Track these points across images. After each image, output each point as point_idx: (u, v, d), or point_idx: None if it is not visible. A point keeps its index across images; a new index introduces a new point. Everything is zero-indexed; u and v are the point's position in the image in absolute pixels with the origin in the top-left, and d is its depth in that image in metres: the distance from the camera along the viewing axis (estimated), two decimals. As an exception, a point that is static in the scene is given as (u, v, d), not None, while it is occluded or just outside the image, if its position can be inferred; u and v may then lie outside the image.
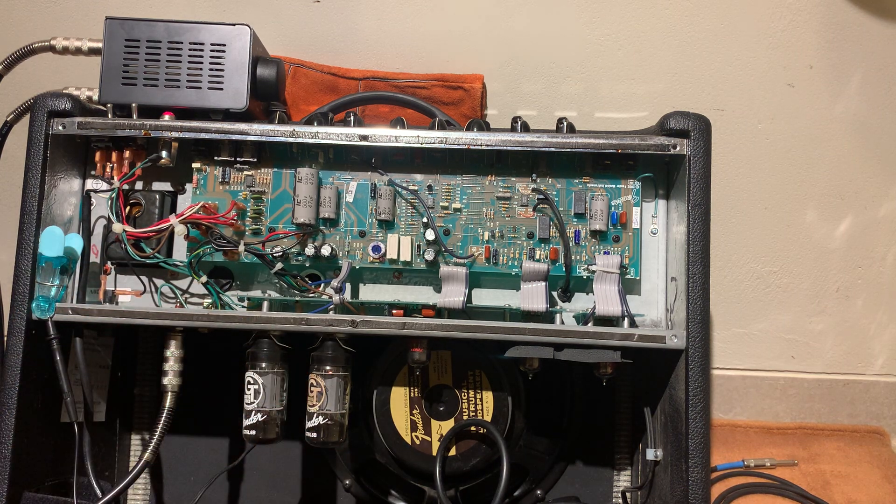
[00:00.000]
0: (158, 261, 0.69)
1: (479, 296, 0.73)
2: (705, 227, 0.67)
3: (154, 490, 0.83)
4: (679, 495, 0.67)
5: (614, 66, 0.91)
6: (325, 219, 0.70)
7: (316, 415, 0.69)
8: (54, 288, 0.68)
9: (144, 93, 0.71)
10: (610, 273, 0.69)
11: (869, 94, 0.91)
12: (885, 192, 0.94)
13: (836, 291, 0.97)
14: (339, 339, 0.70)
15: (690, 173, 0.67)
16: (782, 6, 0.88)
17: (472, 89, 0.88)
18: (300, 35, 0.91)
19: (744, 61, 0.90)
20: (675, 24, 0.89)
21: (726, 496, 0.86)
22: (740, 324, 0.99)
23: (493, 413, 0.76)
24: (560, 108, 0.93)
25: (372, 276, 0.73)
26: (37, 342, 0.68)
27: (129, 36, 0.71)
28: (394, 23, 0.90)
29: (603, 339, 0.66)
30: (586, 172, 0.71)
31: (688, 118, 0.68)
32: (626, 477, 0.81)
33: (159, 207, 0.72)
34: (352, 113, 0.72)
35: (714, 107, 0.91)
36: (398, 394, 0.76)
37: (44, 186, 0.69)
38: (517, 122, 0.72)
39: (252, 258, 0.70)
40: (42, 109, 0.69)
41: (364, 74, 0.89)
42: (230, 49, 0.71)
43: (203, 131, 0.69)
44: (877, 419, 0.99)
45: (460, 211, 0.71)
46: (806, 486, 0.88)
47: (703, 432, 0.65)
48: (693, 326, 0.66)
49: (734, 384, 0.99)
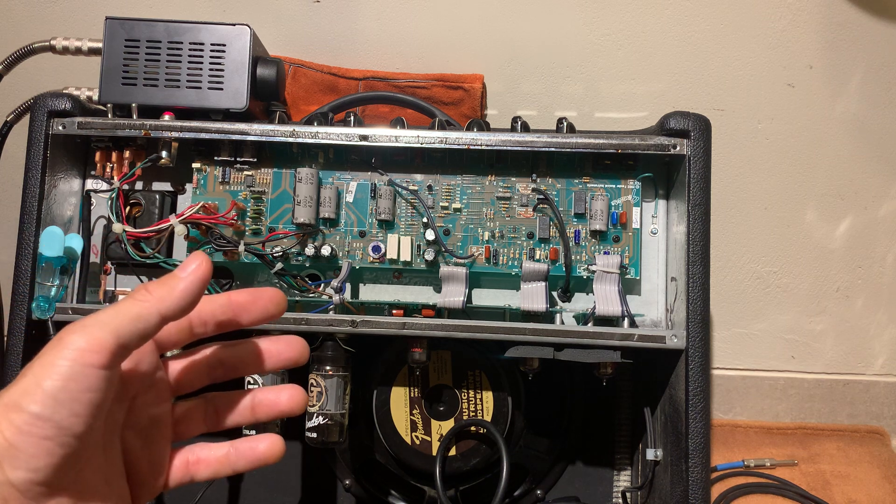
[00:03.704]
0: (158, 261, 0.69)
1: (479, 296, 0.73)
2: (705, 227, 0.67)
3: (154, 490, 0.83)
4: (679, 495, 0.67)
5: (614, 66, 0.91)
6: (325, 219, 0.70)
7: (316, 415, 0.69)
8: (54, 288, 0.68)
9: (144, 93, 0.71)
10: (610, 273, 0.69)
11: (869, 94, 0.91)
12: (885, 192, 0.94)
13: (836, 291, 0.97)
14: (339, 339, 0.70)
15: (690, 173, 0.67)
16: (782, 6, 0.88)
17: (472, 89, 0.88)
18: (300, 35, 0.91)
19: (744, 61, 0.90)
20: (675, 24, 0.89)
21: (726, 496, 0.86)
22: (740, 324, 0.99)
23: (493, 413, 0.76)
24: (560, 108, 0.93)
25: (372, 276, 0.73)
26: (37, 342, 0.68)
27: (129, 36, 0.71)
28: (394, 23, 0.90)
29: (603, 339, 0.66)
30: (586, 172, 0.71)
31: (688, 118, 0.68)
32: (626, 477, 0.81)
33: (159, 207, 0.72)
34: (352, 113, 0.72)
35: (714, 107, 0.91)
36: (398, 394, 0.76)
37: (44, 186, 0.69)
38: (517, 122, 0.72)
39: (252, 258, 0.70)
40: (42, 109, 0.69)
41: (364, 74, 0.89)
42: (230, 49, 0.71)
43: (203, 131, 0.69)
44: (877, 419, 0.99)
45: (460, 211, 0.71)
46: (806, 486, 0.88)
47: (703, 432, 0.65)
48: (693, 326, 0.66)
49: (734, 384, 0.99)
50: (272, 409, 0.43)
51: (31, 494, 0.34)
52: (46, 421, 0.33)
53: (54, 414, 0.33)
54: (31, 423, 0.33)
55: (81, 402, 0.34)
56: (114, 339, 0.34)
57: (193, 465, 0.42)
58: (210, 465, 0.42)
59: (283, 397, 0.43)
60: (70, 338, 0.34)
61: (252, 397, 0.43)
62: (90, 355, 0.34)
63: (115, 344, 0.34)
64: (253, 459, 0.42)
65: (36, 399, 0.33)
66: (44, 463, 0.33)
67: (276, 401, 0.43)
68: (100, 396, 0.34)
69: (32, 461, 0.33)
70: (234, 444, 0.42)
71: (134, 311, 0.35)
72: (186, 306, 0.37)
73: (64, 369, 0.33)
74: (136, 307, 0.35)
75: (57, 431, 0.33)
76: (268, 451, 0.42)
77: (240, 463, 0.42)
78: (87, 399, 0.34)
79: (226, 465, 0.42)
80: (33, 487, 0.34)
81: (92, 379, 0.34)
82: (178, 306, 0.36)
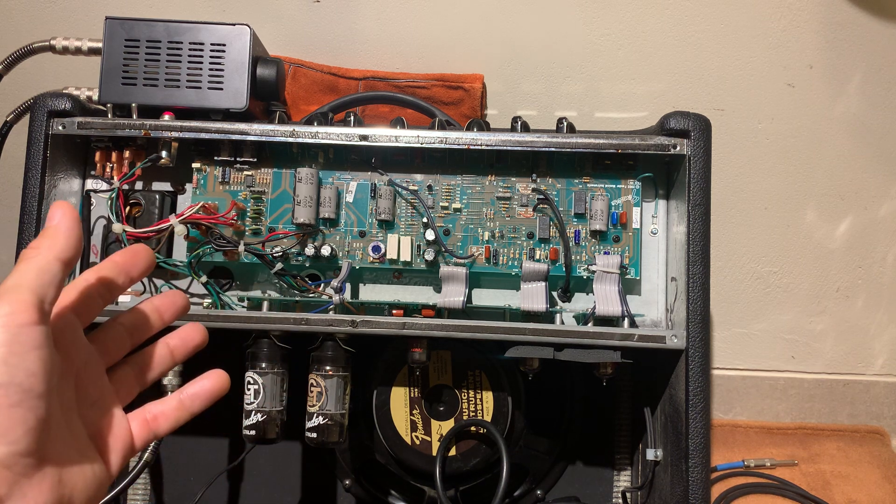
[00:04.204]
0: (158, 261, 0.69)
1: (479, 296, 0.73)
2: (705, 227, 0.67)
3: (154, 490, 0.83)
4: (679, 495, 0.67)
5: (614, 66, 0.91)
6: (325, 219, 0.70)
7: (316, 415, 0.69)
8: (54, 288, 0.68)
9: (144, 93, 0.71)
10: (610, 273, 0.69)
11: (869, 94, 0.91)
12: (885, 192, 0.94)
13: (836, 291, 0.97)
14: (339, 339, 0.70)
15: (690, 173, 0.67)
16: (782, 6, 0.88)
17: (472, 89, 0.88)
18: (300, 35, 0.91)
19: (744, 61, 0.90)
20: (675, 25, 0.89)
21: (726, 496, 0.86)
22: (740, 324, 0.99)
23: (493, 413, 0.76)
24: (560, 108, 0.93)
25: (372, 276, 0.73)
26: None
27: (129, 36, 0.71)
28: (394, 23, 0.90)
29: (603, 339, 0.66)
30: (586, 172, 0.71)
31: (688, 118, 0.68)
32: (626, 477, 0.81)
33: (159, 207, 0.72)
34: (352, 113, 0.72)
35: (714, 107, 0.91)
36: (398, 394, 0.76)
37: (44, 186, 0.69)
38: (517, 122, 0.72)
39: (252, 258, 0.70)
40: (42, 109, 0.69)
41: (364, 74, 0.89)
42: (230, 49, 0.71)
43: (203, 131, 0.69)
44: (877, 419, 0.99)
45: (460, 211, 0.71)
46: (806, 486, 0.88)
47: (703, 432, 0.65)
48: (693, 326, 0.66)
49: (734, 384, 0.99)
50: (186, 345, 0.47)
51: (18, 468, 0.35)
52: (8, 386, 0.34)
53: (13, 378, 0.34)
54: None
55: (31, 358, 0.35)
56: (31, 295, 0.36)
57: (152, 421, 0.45)
58: (168, 416, 0.45)
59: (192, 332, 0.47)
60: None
61: (165, 344, 0.47)
62: (19, 316, 0.35)
63: (36, 298, 0.36)
64: (205, 396, 0.46)
65: None
66: (20, 432, 0.35)
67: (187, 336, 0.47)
68: (46, 352, 0.36)
69: (9, 434, 0.34)
70: (183, 390, 0.46)
71: (33, 265, 0.37)
72: (75, 243, 0.39)
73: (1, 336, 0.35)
74: (33, 262, 0.38)
75: (22, 395, 0.35)
76: (216, 384, 0.46)
77: (195, 404, 0.46)
78: (35, 356, 0.35)
79: (182, 410, 0.46)
80: (18, 460, 0.35)
81: (31, 335, 0.35)
82: (68, 244, 0.39)
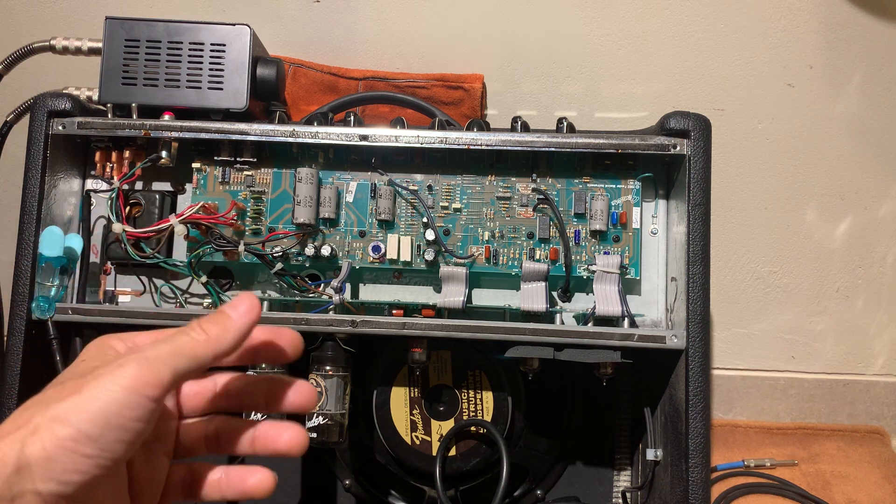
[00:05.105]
0: (158, 261, 0.69)
1: (479, 296, 0.73)
2: (705, 227, 0.67)
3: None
4: (679, 495, 0.67)
5: (614, 66, 0.91)
6: (325, 219, 0.70)
7: (316, 415, 0.69)
8: (54, 288, 0.68)
9: (144, 93, 0.71)
10: (610, 273, 0.69)
11: (869, 94, 0.91)
12: (885, 192, 0.94)
13: (836, 291, 0.97)
14: (339, 339, 0.70)
15: (690, 173, 0.67)
16: (782, 6, 0.88)
17: (472, 89, 0.88)
18: (300, 35, 0.91)
19: (744, 61, 0.90)
20: (675, 24, 0.89)
21: (726, 496, 0.86)
22: (740, 324, 0.99)
23: (493, 413, 0.76)
24: (560, 108, 0.93)
25: (372, 276, 0.73)
26: (37, 342, 0.68)
27: (129, 36, 0.71)
28: (394, 23, 0.90)
29: (603, 339, 0.66)
30: (586, 172, 0.71)
31: (688, 118, 0.68)
32: (626, 477, 0.81)
33: (159, 207, 0.72)
34: (352, 113, 0.72)
35: (714, 107, 0.91)
36: (398, 394, 0.76)
37: (44, 186, 0.69)
38: (517, 122, 0.72)
39: (252, 258, 0.70)
40: (42, 109, 0.69)
41: (364, 74, 0.89)
42: (230, 49, 0.71)
43: (203, 131, 0.69)
44: (877, 419, 0.99)
45: (460, 211, 0.71)
46: (806, 486, 0.88)
47: (703, 432, 0.65)
48: (693, 326, 0.66)
49: (734, 384, 0.99)
50: (269, 447, 0.42)
51: None
52: (93, 441, 0.34)
53: (102, 436, 0.34)
54: (77, 439, 0.33)
55: (129, 429, 0.34)
56: (170, 376, 0.35)
57: (189, 483, 0.42)
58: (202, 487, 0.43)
59: (284, 437, 0.42)
60: (130, 366, 0.35)
61: (254, 430, 0.43)
62: (148, 388, 0.35)
63: (171, 380, 0.35)
64: (241, 491, 0.42)
65: (87, 418, 0.34)
66: (76, 479, 0.34)
67: (275, 438, 0.42)
68: (146, 427, 0.35)
69: (66, 475, 0.34)
70: (227, 470, 0.42)
71: (191, 350, 0.37)
72: (237, 347, 0.39)
73: (119, 395, 0.34)
74: (194, 347, 0.37)
75: (99, 453, 0.34)
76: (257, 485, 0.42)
77: (229, 492, 0.42)
78: (134, 428, 0.35)
79: (216, 490, 0.42)
80: (58, 501, 0.34)
81: (143, 409, 0.35)
82: (231, 348, 0.38)
